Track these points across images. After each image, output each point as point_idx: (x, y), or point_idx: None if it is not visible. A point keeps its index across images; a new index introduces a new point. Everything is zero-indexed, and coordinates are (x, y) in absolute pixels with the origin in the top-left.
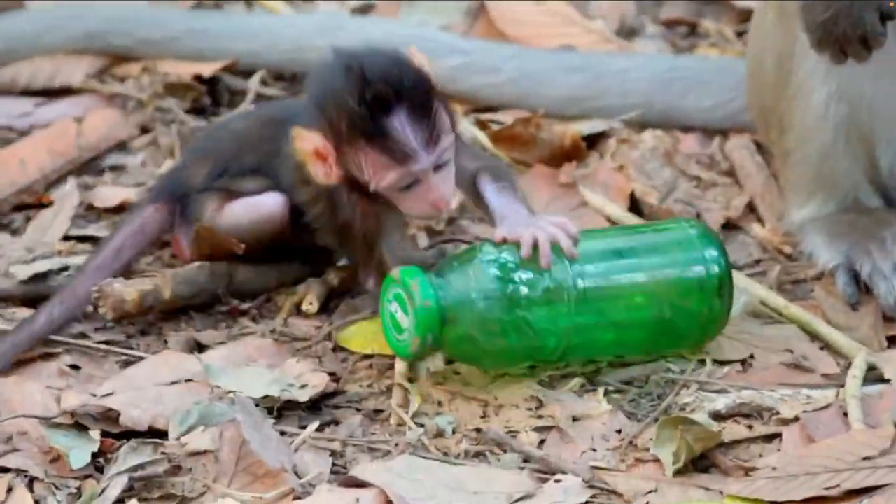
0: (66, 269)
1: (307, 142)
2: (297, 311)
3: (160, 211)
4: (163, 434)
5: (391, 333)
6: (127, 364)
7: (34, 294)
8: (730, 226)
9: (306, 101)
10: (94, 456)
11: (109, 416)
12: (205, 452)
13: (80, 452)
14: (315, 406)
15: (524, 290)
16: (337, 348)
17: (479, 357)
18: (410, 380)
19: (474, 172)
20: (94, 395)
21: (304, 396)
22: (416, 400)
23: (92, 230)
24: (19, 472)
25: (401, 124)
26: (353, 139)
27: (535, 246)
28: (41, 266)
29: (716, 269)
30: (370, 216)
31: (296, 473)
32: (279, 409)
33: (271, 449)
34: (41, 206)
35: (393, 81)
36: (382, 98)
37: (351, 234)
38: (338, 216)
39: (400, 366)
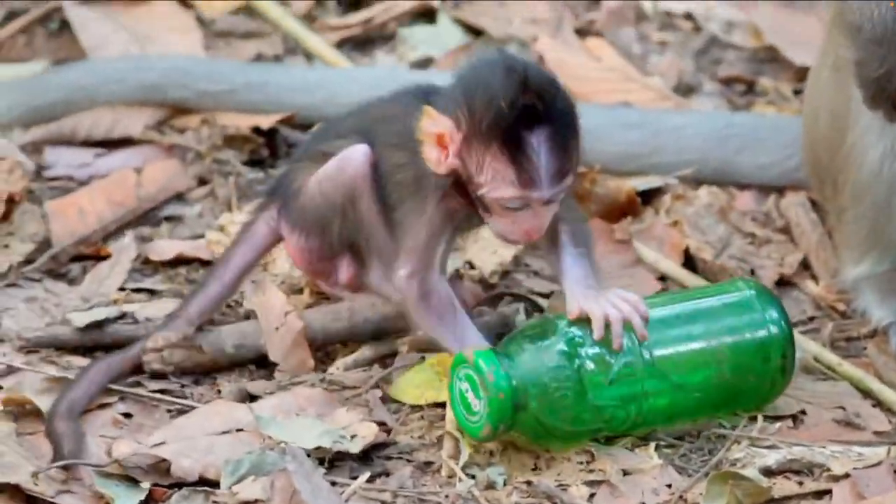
0: (123, 316)
1: (436, 124)
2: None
3: (269, 219)
4: (214, 484)
5: (460, 411)
6: (179, 413)
7: (91, 342)
8: (784, 283)
9: (450, 87)
10: None
11: (160, 466)
12: (256, 502)
13: (127, 500)
14: (366, 457)
15: (593, 367)
16: (387, 398)
17: (549, 438)
18: (461, 431)
19: (557, 220)
20: (145, 445)
21: (355, 447)
22: (467, 451)
23: (148, 283)
24: None
25: (540, 146)
26: (488, 140)
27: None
28: (98, 314)
29: (776, 330)
30: (442, 215)
31: None
32: (330, 460)
33: (322, 499)
34: (99, 257)
35: (549, 99)
36: (534, 111)
37: (407, 220)
38: (412, 195)
39: (451, 415)
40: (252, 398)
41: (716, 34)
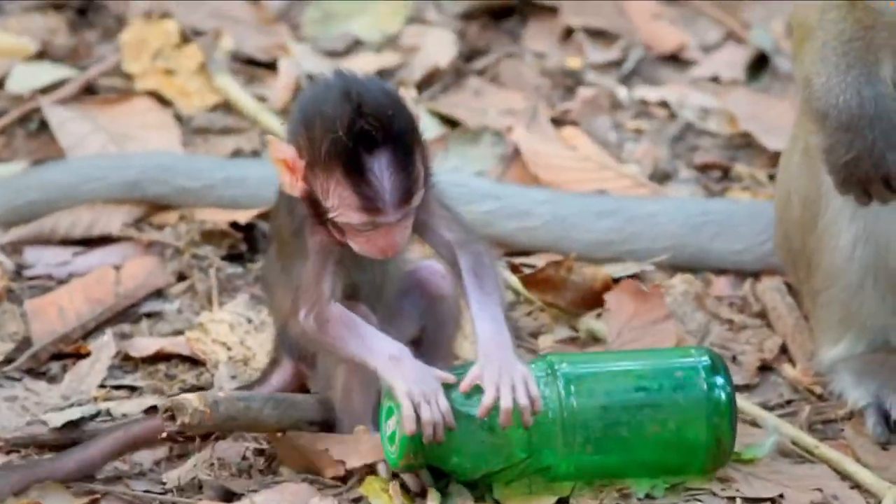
0: (97, 414)
1: (279, 151)
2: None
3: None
4: None
5: (385, 440)
6: None
7: (69, 440)
8: (763, 367)
9: (292, 113)
10: None
11: None
12: None
13: None
14: None
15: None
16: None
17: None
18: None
19: (452, 246)
20: None
21: None
22: None
23: (129, 380)
24: None
25: (380, 172)
26: (329, 168)
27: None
28: (74, 413)
29: (713, 397)
30: (320, 249)
31: None
32: None
33: None
34: (79, 355)
35: (385, 122)
36: (371, 137)
37: (294, 265)
38: (292, 239)
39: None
40: (234, 496)
41: (691, 121)
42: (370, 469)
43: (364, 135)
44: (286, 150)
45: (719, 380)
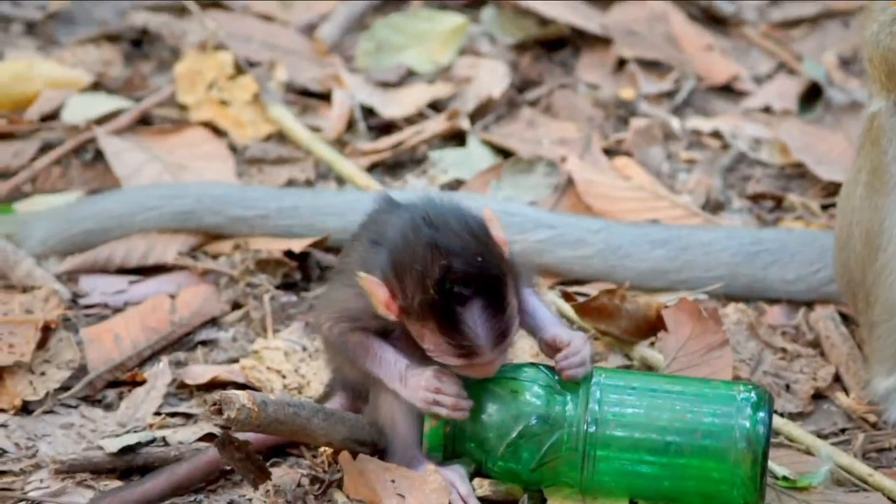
0: (153, 441)
1: (375, 289)
2: None
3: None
4: None
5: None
6: None
7: (124, 465)
8: (816, 396)
9: (380, 252)
10: None
11: None
12: None
13: None
14: None
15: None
16: None
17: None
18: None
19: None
20: None
21: None
22: None
23: (184, 408)
24: None
25: (475, 322)
26: (423, 319)
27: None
28: (130, 439)
29: (750, 435)
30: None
31: None
32: None
33: None
34: (135, 383)
35: (476, 274)
36: (461, 295)
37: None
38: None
39: None
40: None
41: (743, 151)
42: None
43: (455, 294)
44: (380, 290)
45: (754, 418)
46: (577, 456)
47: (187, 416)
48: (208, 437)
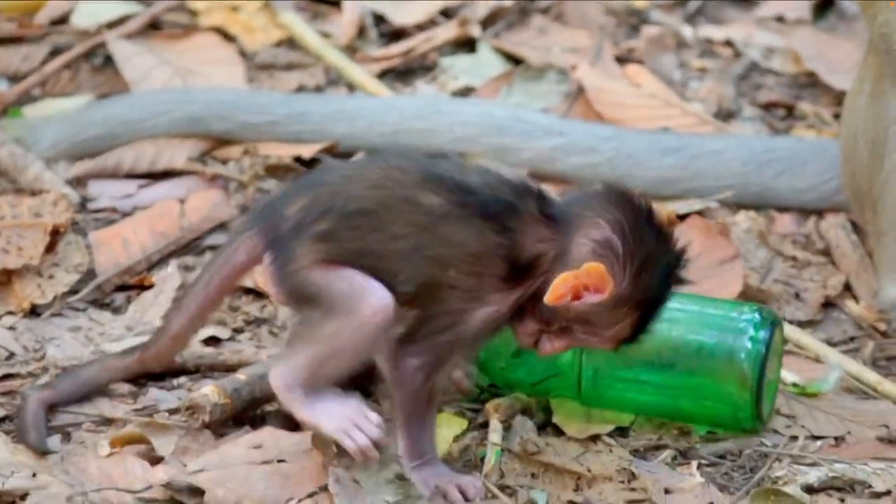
0: None
1: (595, 280)
2: None
3: (251, 240)
4: None
5: None
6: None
7: None
8: (826, 304)
9: (612, 242)
10: None
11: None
12: None
13: None
14: (404, 476)
15: None
16: None
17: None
18: (502, 451)
19: None
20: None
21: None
22: (509, 472)
23: None
24: None
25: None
26: (633, 309)
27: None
28: (134, 341)
29: (749, 349)
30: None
31: None
32: None
33: None
34: (143, 287)
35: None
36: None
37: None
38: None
39: (494, 437)
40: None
41: (756, 60)
42: None
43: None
44: (608, 282)
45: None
46: (575, 369)
47: None
48: (212, 341)
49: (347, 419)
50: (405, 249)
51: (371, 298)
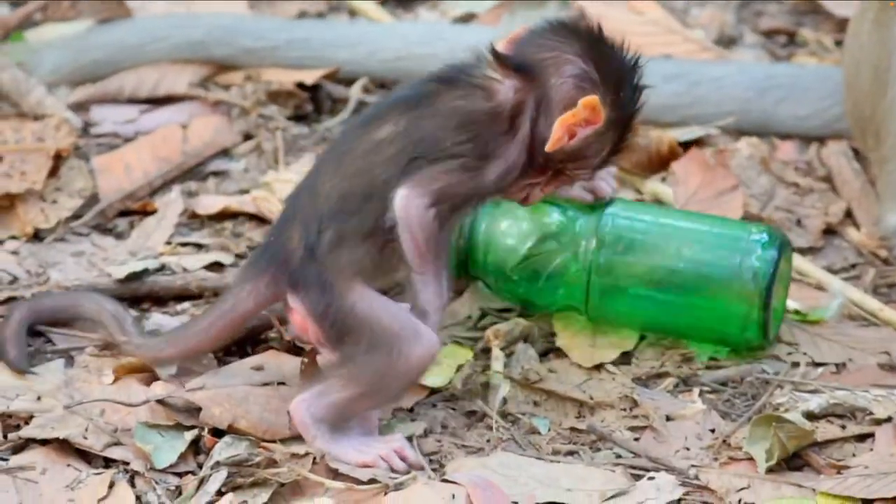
0: (162, 268)
1: (590, 112)
2: None
3: (262, 286)
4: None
5: None
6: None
7: (129, 293)
8: (828, 231)
9: (589, 68)
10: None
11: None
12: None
13: (163, 454)
14: (411, 410)
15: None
16: None
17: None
18: (505, 378)
19: None
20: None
21: (405, 403)
22: (511, 400)
23: (195, 238)
24: (122, 464)
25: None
26: (625, 123)
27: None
28: (136, 266)
29: (757, 269)
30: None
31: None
32: None
33: None
34: (146, 212)
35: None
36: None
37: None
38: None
39: (496, 365)
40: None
41: None
42: None
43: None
44: (597, 103)
45: (763, 256)
46: (583, 278)
47: (198, 246)
48: (215, 266)
49: (377, 451)
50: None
51: (421, 344)
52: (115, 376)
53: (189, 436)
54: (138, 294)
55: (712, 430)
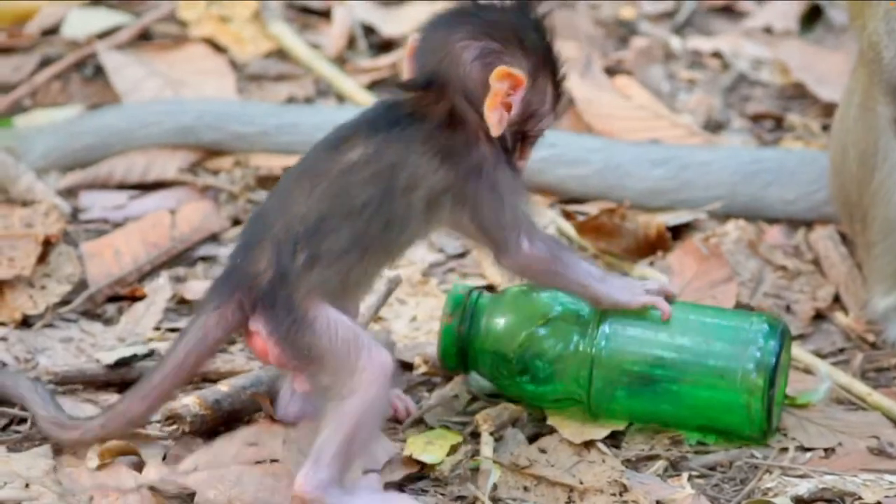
0: (150, 354)
1: (508, 79)
2: None
3: (226, 312)
4: None
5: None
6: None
7: (119, 378)
8: (816, 316)
9: (491, 41)
10: None
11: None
12: None
13: None
14: (399, 488)
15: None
16: (422, 426)
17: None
18: (495, 463)
19: None
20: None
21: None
22: (501, 485)
23: (183, 323)
24: None
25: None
26: (546, 72)
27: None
28: (125, 352)
29: (759, 361)
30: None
31: None
32: None
33: None
34: (134, 298)
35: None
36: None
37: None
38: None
39: (486, 450)
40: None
41: (744, 71)
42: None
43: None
44: (507, 70)
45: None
46: (586, 370)
47: None
48: None
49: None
50: (379, 204)
51: (380, 352)
52: (100, 461)
53: None
54: (127, 380)
55: None
